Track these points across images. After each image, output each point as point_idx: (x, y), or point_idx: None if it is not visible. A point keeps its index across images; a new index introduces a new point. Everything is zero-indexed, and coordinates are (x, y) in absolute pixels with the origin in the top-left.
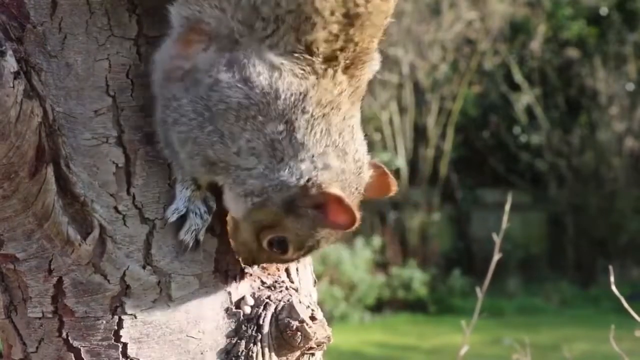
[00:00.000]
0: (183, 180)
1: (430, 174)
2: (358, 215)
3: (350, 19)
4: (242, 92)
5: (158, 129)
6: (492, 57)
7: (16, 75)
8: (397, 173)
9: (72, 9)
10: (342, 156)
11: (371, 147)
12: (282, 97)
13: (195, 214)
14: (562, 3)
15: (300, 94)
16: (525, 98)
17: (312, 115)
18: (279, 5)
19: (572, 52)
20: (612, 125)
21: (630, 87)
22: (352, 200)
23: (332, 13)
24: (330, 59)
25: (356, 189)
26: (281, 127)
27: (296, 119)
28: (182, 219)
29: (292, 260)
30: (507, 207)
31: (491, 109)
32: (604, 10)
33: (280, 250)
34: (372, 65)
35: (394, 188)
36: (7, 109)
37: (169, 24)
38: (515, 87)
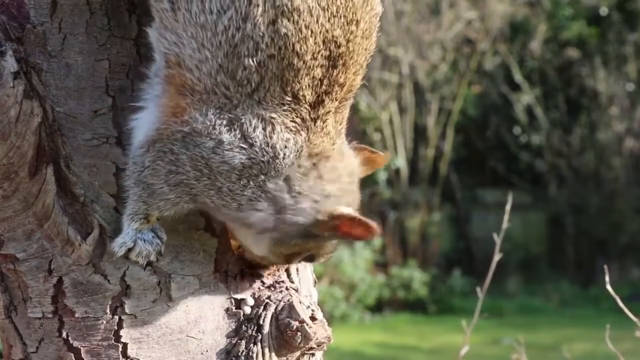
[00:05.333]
0: (135, 214)
1: (430, 174)
2: (373, 225)
3: (332, 60)
4: (245, 153)
5: (131, 168)
6: (492, 57)
7: (16, 75)
8: (397, 173)
9: (72, 9)
10: (335, 180)
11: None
12: (281, 155)
13: (144, 240)
14: (562, 3)
15: (297, 151)
16: (525, 98)
17: (306, 168)
18: (258, 49)
19: (572, 52)
20: (612, 126)
21: (630, 87)
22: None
23: (314, 57)
24: (317, 104)
25: (356, 196)
26: (281, 183)
27: (293, 173)
28: (131, 250)
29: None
30: (508, 207)
31: (491, 109)
32: (604, 10)
33: (310, 261)
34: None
35: (382, 160)
36: (7, 109)
37: (149, 62)
38: (515, 87)
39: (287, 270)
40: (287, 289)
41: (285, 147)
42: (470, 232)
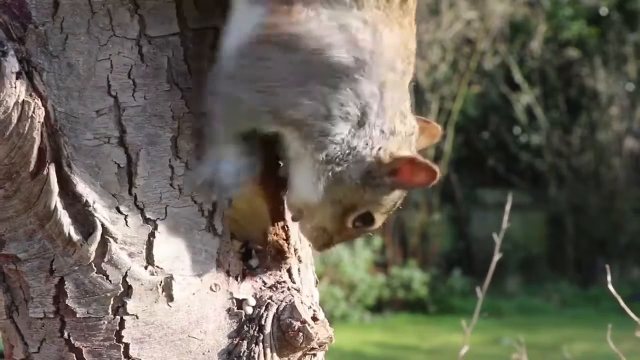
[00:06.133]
0: (219, 137)
1: None
2: (436, 168)
3: None
4: (351, 54)
5: (223, 82)
6: (492, 57)
7: (18, 75)
8: None
9: (73, 9)
10: (403, 120)
11: None
12: (383, 53)
13: (227, 173)
14: (562, 3)
15: (395, 49)
16: (525, 98)
17: (397, 74)
18: None
19: (572, 52)
20: (612, 126)
21: (630, 87)
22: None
23: None
24: (403, 2)
25: (415, 147)
26: (376, 90)
27: (387, 79)
28: (215, 179)
29: (376, 230)
30: (508, 207)
31: (491, 109)
32: (604, 10)
33: (367, 224)
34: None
35: (438, 132)
36: (9, 109)
37: None
38: (515, 87)
39: (289, 271)
40: (288, 289)
41: (387, 45)
42: (470, 232)
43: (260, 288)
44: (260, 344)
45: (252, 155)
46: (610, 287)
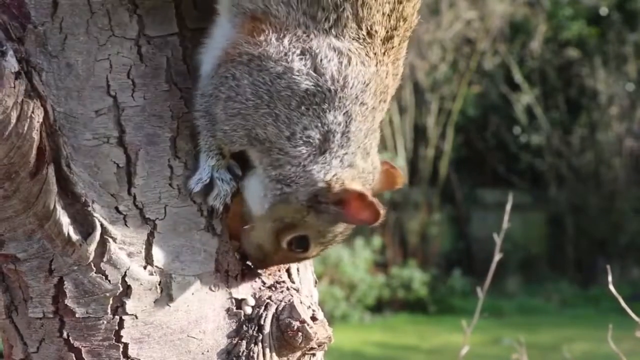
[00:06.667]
0: (209, 149)
1: (430, 174)
2: (382, 210)
3: None
4: (313, 80)
5: (199, 100)
6: (492, 57)
7: (17, 75)
8: None
9: (72, 9)
10: (365, 157)
11: None
12: (350, 85)
13: (222, 180)
14: (562, 3)
15: (364, 83)
16: (525, 98)
17: (365, 108)
18: None
19: (572, 52)
20: (612, 126)
21: (630, 87)
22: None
23: None
24: (387, 40)
25: (370, 185)
26: (340, 119)
27: (353, 111)
28: (208, 188)
29: (309, 258)
30: (508, 207)
31: (491, 109)
32: (604, 10)
33: (301, 249)
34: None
35: (401, 180)
36: (8, 109)
37: (214, 10)
38: (515, 87)
39: (288, 271)
40: (288, 289)
41: (356, 77)
42: (470, 232)
43: (260, 288)
44: (260, 344)
45: (237, 166)
46: (611, 287)
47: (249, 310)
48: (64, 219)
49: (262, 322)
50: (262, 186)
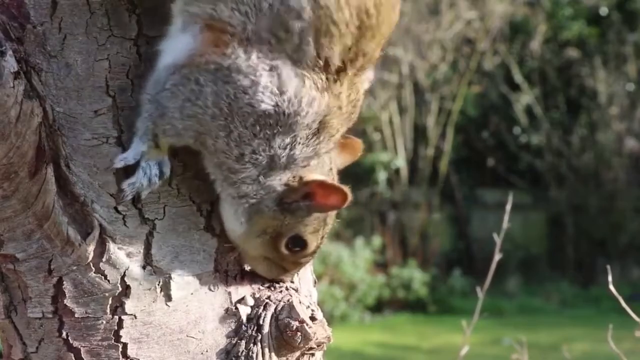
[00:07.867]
0: (144, 134)
1: (430, 174)
2: (347, 190)
3: (362, 30)
4: (274, 100)
5: (152, 85)
6: (492, 57)
7: (16, 75)
8: (397, 173)
9: (72, 9)
10: (319, 161)
11: (371, 147)
12: (303, 112)
13: (145, 172)
14: (562, 3)
15: (315, 113)
16: (525, 98)
17: (312, 133)
18: (300, 18)
19: (572, 52)
20: (612, 126)
21: (630, 87)
22: (333, 180)
23: (347, 25)
24: (340, 71)
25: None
26: (288, 140)
27: (300, 135)
28: (130, 172)
29: (315, 252)
30: (508, 207)
31: (491, 109)
32: (604, 10)
33: (300, 247)
34: (368, 74)
35: (360, 145)
36: (8, 109)
37: (170, 18)
38: (515, 87)
39: None
40: (287, 289)
41: (310, 104)
42: (470, 232)
43: (259, 288)
44: (259, 344)
45: (168, 162)
46: (611, 287)
47: (248, 310)
48: (63, 219)
49: (261, 322)
50: (230, 205)
